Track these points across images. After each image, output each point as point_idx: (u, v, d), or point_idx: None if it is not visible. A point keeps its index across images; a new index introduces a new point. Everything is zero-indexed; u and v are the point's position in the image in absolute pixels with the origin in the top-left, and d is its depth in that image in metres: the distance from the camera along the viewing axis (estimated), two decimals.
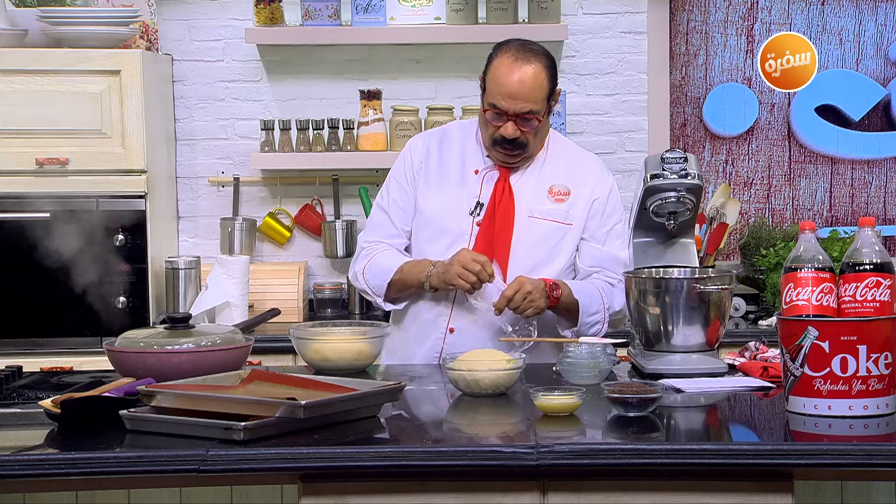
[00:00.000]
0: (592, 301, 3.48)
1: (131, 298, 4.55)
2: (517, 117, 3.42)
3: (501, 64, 3.42)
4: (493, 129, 3.45)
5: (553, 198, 3.55)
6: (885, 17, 5.15)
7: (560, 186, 3.56)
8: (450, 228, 3.53)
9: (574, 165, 3.61)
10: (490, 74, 3.45)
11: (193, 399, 2.64)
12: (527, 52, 3.43)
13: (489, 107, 3.44)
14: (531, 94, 3.40)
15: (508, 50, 3.44)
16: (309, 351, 3.33)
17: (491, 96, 3.43)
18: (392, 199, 3.62)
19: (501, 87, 3.40)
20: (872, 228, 2.76)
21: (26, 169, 4.51)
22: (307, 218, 5.06)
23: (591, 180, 3.60)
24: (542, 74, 3.42)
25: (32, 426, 2.71)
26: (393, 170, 3.66)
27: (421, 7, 4.93)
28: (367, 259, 3.60)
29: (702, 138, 5.18)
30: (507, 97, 3.40)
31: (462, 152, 3.59)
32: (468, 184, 3.55)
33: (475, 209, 3.52)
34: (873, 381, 2.64)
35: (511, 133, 3.43)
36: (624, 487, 2.50)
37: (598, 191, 3.59)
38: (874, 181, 5.20)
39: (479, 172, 3.55)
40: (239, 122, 5.08)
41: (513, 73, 3.40)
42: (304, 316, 4.82)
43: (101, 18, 4.60)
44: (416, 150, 3.63)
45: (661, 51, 5.10)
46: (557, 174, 3.57)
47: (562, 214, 3.54)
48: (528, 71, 3.40)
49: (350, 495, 2.50)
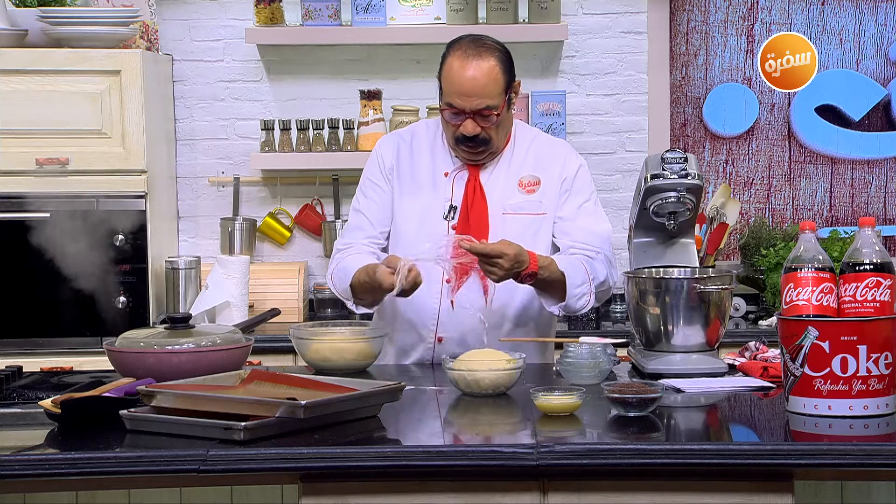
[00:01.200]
0: (577, 273, 3.42)
1: (131, 298, 4.55)
2: (475, 114, 3.37)
3: (453, 62, 3.38)
4: (454, 128, 3.41)
5: (524, 189, 3.51)
6: (885, 17, 5.15)
7: (529, 177, 3.52)
8: (425, 234, 3.47)
9: (541, 152, 3.56)
10: (444, 74, 3.41)
11: (193, 399, 2.64)
12: (479, 48, 3.39)
13: (446, 106, 3.40)
14: (485, 89, 3.36)
15: (460, 47, 3.40)
16: (309, 351, 3.33)
17: (447, 95, 3.39)
18: (369, 199, 3.58)
19: (455, 86, 3.37)
20: (872, 228, 2.76)
21: (26, 169, 4.51)
22: (307, 218, 5.06)
23: (559, 164, 3.55)
24: (497, 69, 3.38)
25: (32, 426, 2.71)
26: (365, 172, 3.62)
27: (421, 7, 4.93)
28: (336, 263, 3.56)
29: (702, 138, 5.18)
30: (461, 95, 3.36)
31: (431, 154, 3.55)
32: (439, 187, 3.51)
33: (449, 213, 3.49)
34: (873, 381, 2.64)
35: (471, 130, 3.39)
36: (624, 487, 2.50)
37: (567, 170, 3.55)
38: (874, 181, 5.20)
39: (448, 175, 3.52)
40: (239, 122, 5.08)
41: (465, 70, 3.35)
42: (304, 316, 4.82)
43: (101, 18, 4.60)
44: (386, 153, 3.58)
45: (661, 51, 5.10)
46: (525, 165, 3.54)
47: (534, 205, 3.51)
48: (481, 66, 3.35)
49: (350, 495, 2.50)
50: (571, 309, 3.44)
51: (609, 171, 5.11)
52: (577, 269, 3.42)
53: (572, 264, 3.42)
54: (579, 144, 5.05)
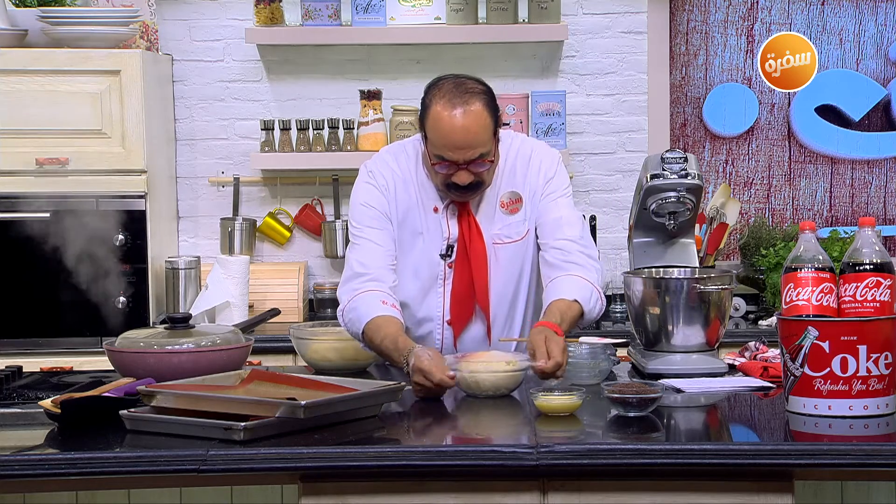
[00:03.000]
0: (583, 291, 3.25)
1: (131, 298, 4.55)
2: (468, 164, 3.21)
3: (441, 114, 3.18)
4: (444, 177, 3.24)
5: (507, 210, 3.37)
6: (885, 17, 5.15)
7: (509, 194, 3.37)
8: (423, 275, 3.37)
9: (516, 165, 3.38)
10: (430, 125, 3.20)
11: (193, 399, 2.64)
12: (463, 94, 3.19)
13: (437, 160, 3.21)
14: (477, 139, 3.18)
15: (444, 95, 3.19)
16: (309, 351, 3.33)
17: (436, 149, 3.20)
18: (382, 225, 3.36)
19: (446, 140, 3.18)
20: (872, 228, 2.76)
21: (26, 169, 4.51)
22: (307, 218, 5.06)
23: (533, 173, 3.38)
24: (484, 113, 3.19)
25: (32, 426, 2.71)
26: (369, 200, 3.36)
27: (421, 7, 4.93)
28: (353, 294, 3.27)
29: (702, 138, 5.18)
30: (454, 149, 3.18)
31: (417, 189, 3.36)
32: (431, 224, 3.35)
33: (447, 252, 3.36)
34: (873, 381, 2.64)
35: (465, 180, 3.22)
36: (624, 487, 2.51)
37: (541, 178, 3.37)
38: (874, 181, 5.20)
39: (438, 211, 3.35)
40: (239, 122, 5.08)
41: (454, 121, 3.15)
42: (304, 316, 4.82)
43: (101, 18, 4.60)
44: (382, 185, 3.36)
45: (661, 51, 5.10)
46: (504, 183, 3.37)
47: (517, 229, 3.37)
48: (469, 116, 3.16)
49: (350, 495, 2.50)
50: (592, 320, 3.31)
51: (609, 171, 5.11)
52: (581, 288, 3.25)
53: (574, 286, 3.25)
54: (579, 144, 5.06)
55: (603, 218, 5.02)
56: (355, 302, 3.25)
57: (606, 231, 5.03)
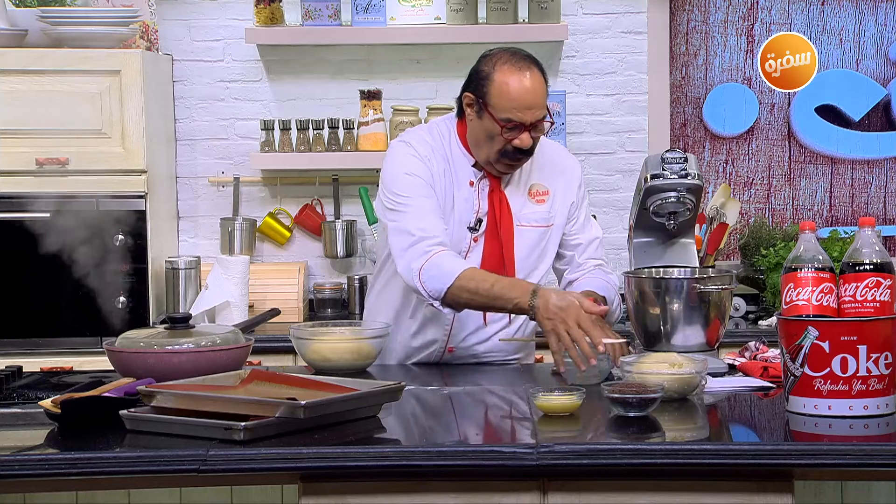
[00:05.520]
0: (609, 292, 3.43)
1: (131, 298, 4.55)
2: (532, 126, 3.33)
3: (507, 77, 3.30)
4: (505, 142, 3.32)
5: (534, 199, 3.47)
6: (885, 17, 5.15)
7: (539, 186, 3.48)
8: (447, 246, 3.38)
9: (546, 160, 3.51)
10: (496, 91, 3.30)
11: (193, 399, 2.64)
12: (523, 60, 3.34)
13: (504, 122, 3.29)
14: (542, 99, 3.32)
15: (505, 62, 3.33)
16: (309, 351, 3.33)
17: (503, 111, 3.29)
18: (429, 193, 3.38)
19: (516, 101, 3.29)
20: (872, 228, 2.76)
21: (26, 169, 4.51)
22: (307, 218, 5.06)
23: (566, 174, 3.52)
24: (542, 77, 3.35)
25: (32, 426, 2.71)
26: (414, 169, 3.39)
27: (421, 7, 4.93)
28: (428, 255, 3.29)
29: (702, 138, 5.18)
30: (524, 109, 3.29)
31: (452, 162, 3.44)
32: (462, 198, 3.42)
33: (475, 225, 3.42)
34: (873, 381, 2.64)
35: (528, 143, 3.32)
36: (624, 487, 2.51)
37: (572, 183, 3.52)
38: (874, 181, 5.20)
39: (473, 184, 3.43)
40: (239, 122, 5.08)
41: (524, 82, 3.29)
42: (304, 316, 4.82)
43: (101, 18, 4.60)
44: (424, 155, 3.41)
45: (661, 51, 5.10)
46: (533, 173, 3.49)
47: (543, 217, 3.47)
48: (535, 77, 3.31)
49: (350, 495, 2.50)
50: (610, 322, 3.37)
51: (609, 171, 5.11)
52: (609, 291, 3.43)
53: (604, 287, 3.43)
54: (579, 144, 5.06)
55: (603, 218, 5.02)
56: (435, 259, 3.27)
57: (606, 231, 5.01)
